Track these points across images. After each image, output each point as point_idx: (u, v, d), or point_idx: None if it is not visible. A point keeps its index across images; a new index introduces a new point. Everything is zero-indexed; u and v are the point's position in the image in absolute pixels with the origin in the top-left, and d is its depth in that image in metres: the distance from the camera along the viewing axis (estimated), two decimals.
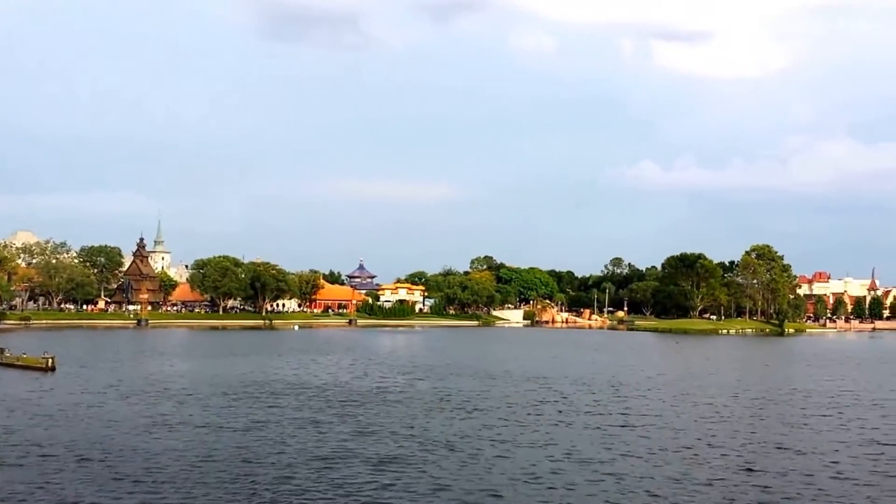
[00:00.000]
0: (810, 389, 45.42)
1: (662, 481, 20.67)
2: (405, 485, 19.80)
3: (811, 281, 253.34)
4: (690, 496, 19.30)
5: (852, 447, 26.42)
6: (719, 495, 19.42)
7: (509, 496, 19.03)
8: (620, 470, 21.91)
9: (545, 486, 20.07)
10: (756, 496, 19.48)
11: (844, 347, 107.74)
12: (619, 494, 19.39)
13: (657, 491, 19.65)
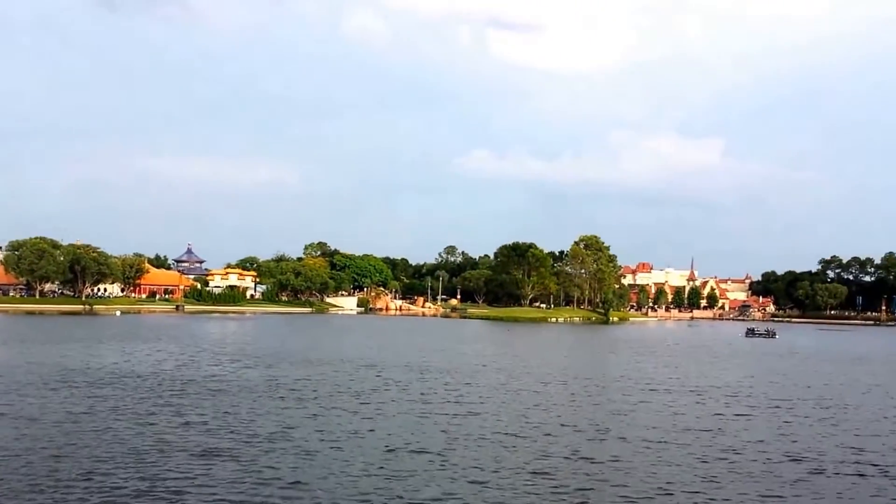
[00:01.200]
0: (634, 376, 46.41)
1: (490, 469, 20.27)
2: (222, 478, 18.44)
3: (635, 271, 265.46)
4: (517, 483, 18.92)
5: (671, 432, 26.89)
6: (546, 483, 19.12)
7: (328, 487, 18.04)
8: (447, 458, 21.33)
9: (367, 475, 19.19)
10: (581, 482, 19.30)
11: (665, 335, 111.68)
12: (445, 482, 18.76)
13: (482, 478, 19.23)
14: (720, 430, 27.49)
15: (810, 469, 21.40)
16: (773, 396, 37.80)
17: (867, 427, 29.23)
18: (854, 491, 19.25)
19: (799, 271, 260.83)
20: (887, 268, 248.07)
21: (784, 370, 54.25)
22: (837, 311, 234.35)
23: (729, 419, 30.15)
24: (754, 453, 23.34)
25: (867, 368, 58.42)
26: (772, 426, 28.83)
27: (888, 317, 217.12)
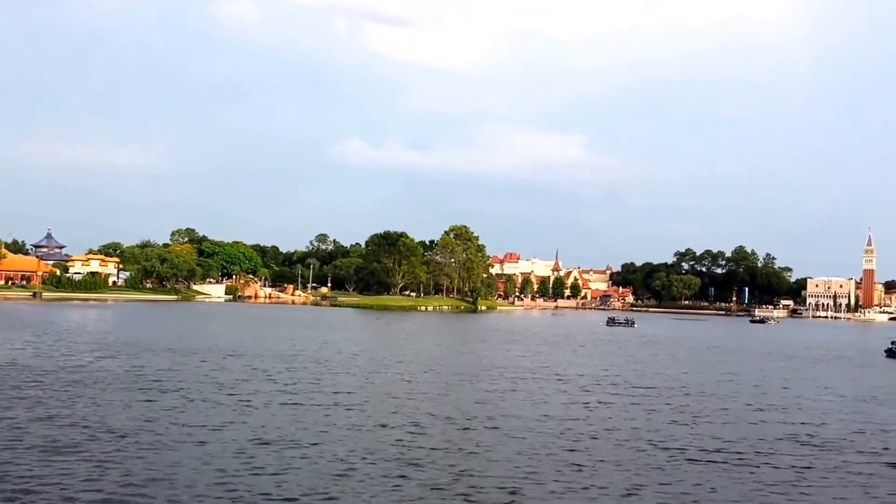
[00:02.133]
0: (503, 364, 46.94)
1: (360, 461, 19.88)
2: (74, 475, 17.33)
3: (503, 261, 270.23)
4: (387, 474, 18.63)
5: (539, 421, 27.17)
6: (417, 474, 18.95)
7: (189, 482, 17.20)
8: (317, 450, 20.81)
9: (233, 470, 18.44)
10: (450, 472, 19.19)
11: (531, 324, 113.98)
12: (313, 476, 18.27)
13: (351, 471, 18.83)
14: (586, 417, 28.02)
15: (671, 455, 22.01)
16: (635, 384, 38.99)
17: (724, 414, 30.48)
18: (713, 476, 19.86)
19: (656, 263, 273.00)
20: (737, 261, 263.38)
21: (643, 358, 56.35)
22: (691, 301, 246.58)
23: (594, 407, 30.77)
24: (618, 440, 23.85)
25: (720, 357, 61.47)
26: (634, 413, 29.59)
27: (737, 307, 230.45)
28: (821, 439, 25.25)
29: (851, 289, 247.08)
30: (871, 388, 41.33)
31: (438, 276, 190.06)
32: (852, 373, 51.01)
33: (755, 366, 53.61)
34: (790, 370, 51.30)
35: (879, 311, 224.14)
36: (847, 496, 18.50)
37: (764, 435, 25.69)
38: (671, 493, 17.92)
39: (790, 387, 40.83)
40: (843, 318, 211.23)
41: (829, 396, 37.21)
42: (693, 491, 18.26)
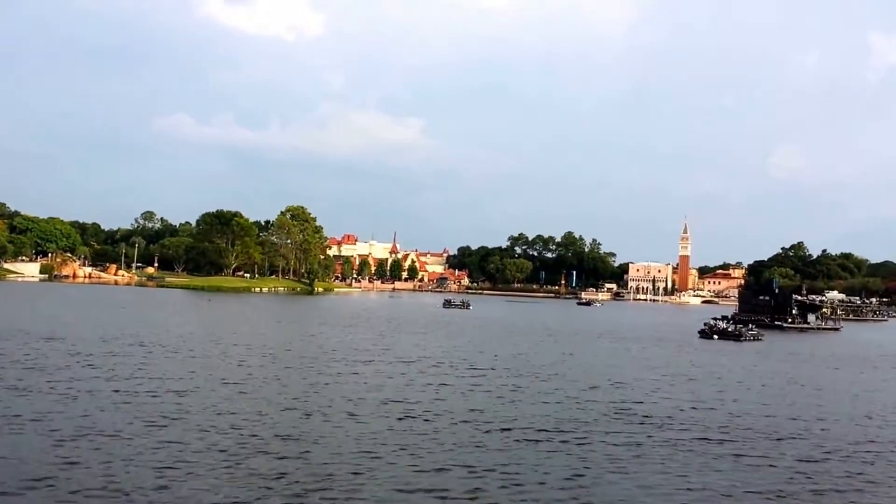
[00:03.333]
0: (343, 348, 46.21)
1: (190, 453, 18.70)
2: None
3: (340, 243, 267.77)
4: (216, 467, 17.66)
5: (378, 404, 26.85)
6: (255, 462, 18.23)
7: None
8: (141, 443, 19.41)
9: (45, 464, 16.95)
10: (285, 461, 18.51)
11: (370, 306, 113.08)
12: (137, 471, 16.94)
13: (179, 465, 17.66)
14: (425, 399, 27.75)
15: (505, 434, 22.10)
16: (473, 365, 39.20)
17: (558, 393, 31.03)
18: (545, 453, 20.12)
19: (491, 247, 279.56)
20: (566, 246, 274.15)
21: (480, 340, 57.10)
22: (524, 284, 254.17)
23: (433, 388, 30.59)
24: (455, 421, 23.76)
25: (552, 339, 63.19)
26: (473, 394, 29.64)
27: (566, 290, 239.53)
28: (646, 416, 26.19)
29: (669, 274, 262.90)
30: (689, 367, 43.58)
31: (274, 258, 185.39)
32: (671, 353, 53.48)
33: (585, 347, 55.49)
34: (619, 350, 53.40)
35: (693, 295, 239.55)
36: (669, 470, 19.04)
37: (594, 413, 26.40)
38: (502, 473, 17.93)
39: (619, 367, 42.36)
40: (660, 301, 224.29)
41: (652, 375, 38.78)
42: (524, 471, 18.27)
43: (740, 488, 17.65)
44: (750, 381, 38.05)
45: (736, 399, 31.61)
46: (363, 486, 16.59)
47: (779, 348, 60.68)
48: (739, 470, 19.41)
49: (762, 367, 45.40)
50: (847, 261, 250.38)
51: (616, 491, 17.08)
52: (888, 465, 20.72)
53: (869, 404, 32.15)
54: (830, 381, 40.06)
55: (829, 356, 55.64)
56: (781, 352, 57.56)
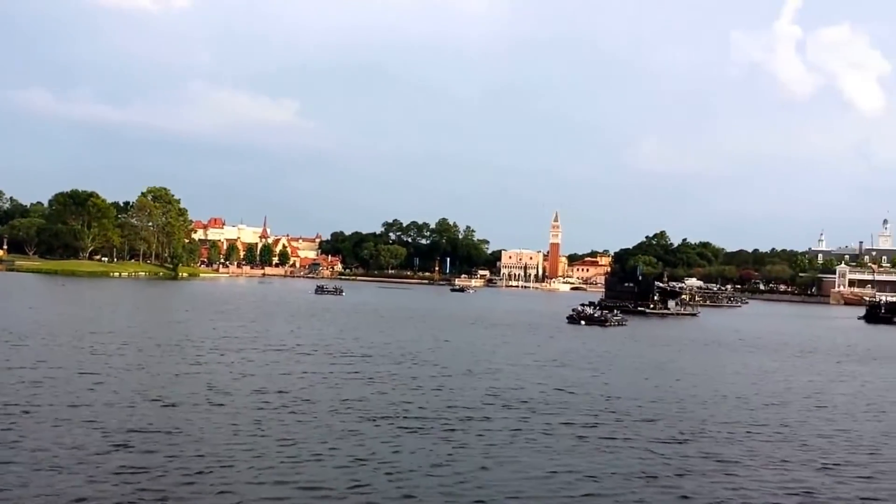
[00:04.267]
0: (212, 335, 44.68)
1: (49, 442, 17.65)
2: None
3: (207, 226, 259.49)
4: (76, 458, 16.65)
5: (244, 394, 25.99)
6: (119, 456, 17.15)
7: None
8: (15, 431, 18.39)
9: None
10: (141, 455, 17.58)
11: (241, 292, 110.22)
12: None
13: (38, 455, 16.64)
14: (299, 387, 27.04)
15: (386, 423, 21.77)
16: (346, 353, 38.61)
17: (436, 380, 30.94)
18: (427, 442, 19.90)
19: (365, 232, 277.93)
20: (440, 232, 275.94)
21: (354, 326, 56.47)
22: (397, 271, 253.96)
23: (307, 376, 29.86)
24: (334, 410, 23.23)
25: (428, 325, 63.25)
26: (347, 382, 29.09)
27: (440, 276, 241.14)
28: (520, 401, 26.46)
29: (540, 261, 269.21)
30: (558, 352, 44.33)
31: (134, 241, 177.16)
32: (542, 338, 54.44)
33: (459, 333, 55.71)
34: (492, 336, 53.90)
35: (563, 282, 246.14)
36: (542, 453, 19.26)
37: (470, 399, 26.46)
38: (381, 462, 17.67)
39: (493, 352, 42.72)
40: (531, 288, 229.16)
41: (525, 360, 39.36)
42: (403, 460, 18.08)
43: (607, 470, 17.94)
44: (616, 366, 39.14)
45: (606, 382, 32.42)
46: (236, 481, 15.82)
47: (641, 333, 62.75)
48: (607, 452, 19.77)
49: (627, 352, 46.82)
50: (705, 249, 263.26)
51: (491, 476, 17.07)
52: (745, 444, 21.50)
53: (727, 386, 33.48)
54: (690, 365, 41.55)
55: (689, 341, 57.91)
56: (644, 336, 59.57)
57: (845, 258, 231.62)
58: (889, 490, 17.53)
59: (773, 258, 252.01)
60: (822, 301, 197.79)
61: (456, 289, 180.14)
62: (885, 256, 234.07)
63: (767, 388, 33.47)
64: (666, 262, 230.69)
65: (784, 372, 40.26)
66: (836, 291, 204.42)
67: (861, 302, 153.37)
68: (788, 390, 33.33)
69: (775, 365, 43.62)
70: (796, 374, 39.37)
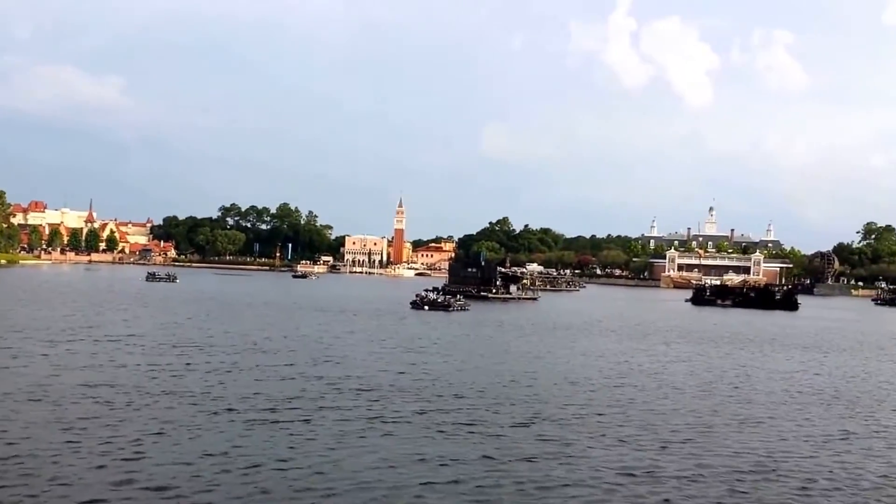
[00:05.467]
0: (31, 325, 42.03)
1: None
2: None
3: (27, 210, 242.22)
4: None
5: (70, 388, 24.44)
6: None
7: None
8: None
9: None
10: None
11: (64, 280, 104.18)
12: None
13: None
14: (144, 380, 25.63)
15: (231, 416, 21.07)
16: (193, 343, 37.06)
17: (285, 369, 30.18)
18: (273, 434, 19.40)
19: (200, 217, 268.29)
20: (281, 217, 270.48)
21: (193, 315, 54.44)
22: (236, 257, 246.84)
23: (146, 368, 28.32)
24: (174, 404, 22.21)
25: (269, 312, 61.82)
26: (189, 373, 27.98)
27: (281, 262, 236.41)
28: (368, 389, 26.26)
29: (384, 246, 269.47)
30: (403, 338, 44.49)
31: None
32: (387, 324, 54.49)
33: (305, 321, 54.63)
34: (338, 323, 53.28)
35: (408, 268, 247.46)
36: (392, 440, 19.25)
37: (317, 388, 26.04)
38: (226, 457, 17.08)
39: (340, 340, 42.27)
40: (376, 274, 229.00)
41: (371, 347, 39.22)
42: (251, 454, 17.45)
43: (452, 456, 17.92)
44: (460, 351, 39.52)
45: (451, 368, 32.70)
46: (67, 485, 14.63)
47: (484, 317, 64.00)
48: (451, 438, 19.82)
49: (470, 336, 47.59)
50: (546, 235, 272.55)
51: (340, 466, 16.82)
52: (587, 425, 22.01)
53: (570, 368, 34.42)
54: (533, 348, 42.44)
55: (531, 324, 59.39)
56: (487, 321, 60.70)
57: (675, 244, 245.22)
58: (722, 465, 18.27)
59: (610, 244, 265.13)
60: (653, 285, 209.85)
61: (298, 275, 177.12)
62: (710, 242, 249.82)
63: (608, 370, 34.48)
64: (509, 247, 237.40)
65: (623, 353, 41.74)
66: (667, 275, 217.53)
67: (688, 285, 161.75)
68: (631, 371, 34.47)
69: (614, 347, 45.29)
70: (635, 356, 40.88)
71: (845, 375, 36.56)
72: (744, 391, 30.10)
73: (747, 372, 36.29)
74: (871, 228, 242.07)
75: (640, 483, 16.61)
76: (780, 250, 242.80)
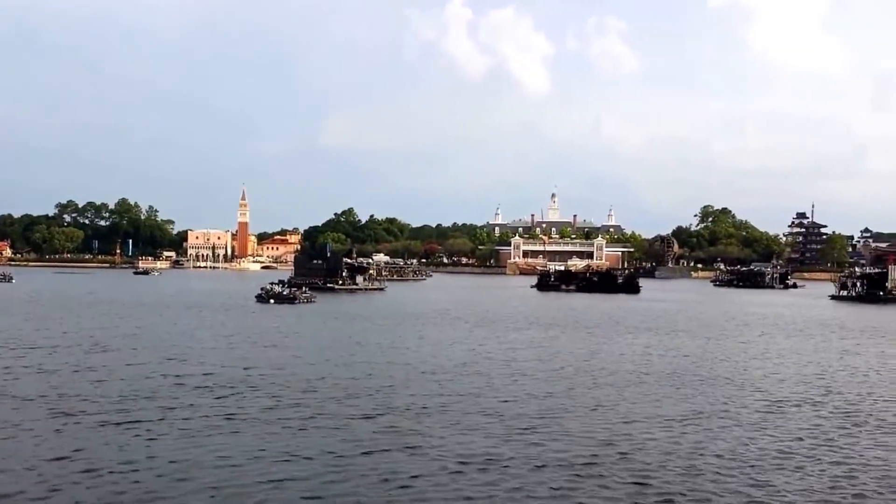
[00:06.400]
0: None
1: None
2: None
3: None
4: None
5: None
6: None
7: None
8: None
9: None
10: None
11: None
12: None
13: None
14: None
15: (80, 420, 21.37)
16: (38, 345, 36.54)
17: (131, 370, 30.17)
18: (124, 437, 19.83)
19: (36, 215, 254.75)
20: (120, 213, 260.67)
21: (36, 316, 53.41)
22: (75, 255, 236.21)
23: None
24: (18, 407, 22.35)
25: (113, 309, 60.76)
26: (37, 376, 27.75)
27: (122, 259, 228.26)
28: (216, 384, 26.75)
29: (228, 240, 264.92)
30: (254, 332, 45.03)
31: None
32: (234, 318, 54.98)
33: (150, 318, 54.19)
34: (182, 320, 53.07)
35: (253, 261, 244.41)
36: (236, 438, 19.59)
37: (165, 386, 26.26)
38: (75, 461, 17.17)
39: (188, 335, 42.65)
40: (221, 268, 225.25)
41: (219, 343, 39.47)
42: (102, 457, 17.50)
43: (305, 453, 18.00)
44: (307, 344, 39.91)
45: (299, 361, 32.98)
46: None
47: (330, 309, 65.00)
48: (308, 432, 20.08)
49: (316, 329, 48.37)
50: (392, 225, 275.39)
51: (187, 466, 16.87)
52: (434, 416, 22.29)
53: (419, 358, 34.86)
54: (380, 339, 42.93)
55: (376, 315, 60.85)
56: (333, 312, 61.67)
57: (519, 230, 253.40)
58: (568, 450, 18.72)
59: (455, 232, 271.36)
60: (500, 272, 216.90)
61: (140, 272, 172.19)
62: (554, 228, 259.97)
63: (458, 358, 35.04)
64: (355, 238, 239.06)
65: (472, 341, 42.36)
66: (512, 262, 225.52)
67: (534, 271, 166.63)
68: (480, 359, 34.98)
69: (463, 335, 46.03)
70: (485, 343, 41.57)
71: (689, 356, 37.59)
72: (591, 375, 30.67)
73: (594, 356, 36.98)
74: (708, 211, 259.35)
75: (488, 471, 16.80)
76: (621, 235, 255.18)
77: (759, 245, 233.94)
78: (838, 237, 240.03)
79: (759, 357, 38.51)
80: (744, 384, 29.55)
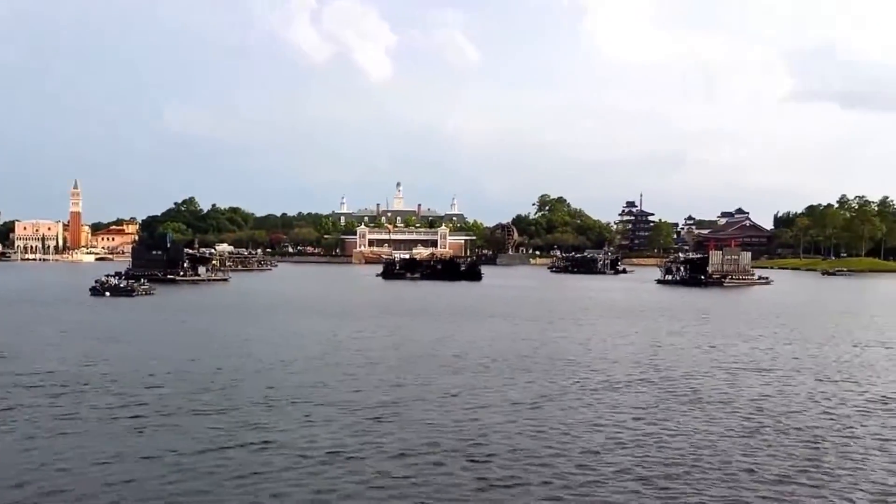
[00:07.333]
0: None
1: None
2: None
3: None
4: None
5: None
6: None
7: None
8: None
9: None
10: None
11: None
12: None
13: None
14: None
15: None
16: None
17: None
18: None
19: None
20: None
21: None
22: None
23: None
24: None
25: None
26: None
27: None
28: (51, 383, 25.49)
29: (60, 231, 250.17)
30: (89, 327, 43.38)
31: None
32: (67, 313, 52.44)
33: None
34: (10, 315, 49.96)
35: (87, 252, 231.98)
36: (78, 439, 18.96)
37: None
38: None
39: (17, 331, 40.05)
40: (52, 260, 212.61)
41: (53, 339, 37.73)
42: None
43: (149, 453, 17.51)
44: (145, 337, 38.78)
45: (146, 357, 31.71)
46: None
47: (171, 301, 63.55)
48: (151, 431, 19.51)
49: (155, 322, 47.03)
50: (235, 215, 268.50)
51: (32, 469, 16.31)
52: (283, 409, 22.11)
53: (264, 349, 34.60)
54: (225, 331, 42.31)
55: (221, 306, 60.08)
56: (173, 305, 60.38)
57: (365, 220, 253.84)
58: (424, 438, 18.95)
59: (300, 221, 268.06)
60: (346, 261, 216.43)
61: None
62: (399, 217, 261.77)
63: (308, 348, 35.04)
64: (197, 228, 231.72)
65: (321, 332, 41.92)
66: (358, 251, 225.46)
67: (379, 260, 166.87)
68: (336, 350, 34.89)
69: (312, 325, 45.76)
70: (338, 333, 41.50)
71: (533, 340, 38.90)
72: (441, 362, 31.17)
73: (442, 343, 37.52)
74: (545, 200, 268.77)
75: (333, 463, 16.80)
76: (464, 223, 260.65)
77: (592, 233, 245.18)
78: (664, 224, 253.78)
79: (596, 340, 40.61)
80: (584, 365, 31.23)
